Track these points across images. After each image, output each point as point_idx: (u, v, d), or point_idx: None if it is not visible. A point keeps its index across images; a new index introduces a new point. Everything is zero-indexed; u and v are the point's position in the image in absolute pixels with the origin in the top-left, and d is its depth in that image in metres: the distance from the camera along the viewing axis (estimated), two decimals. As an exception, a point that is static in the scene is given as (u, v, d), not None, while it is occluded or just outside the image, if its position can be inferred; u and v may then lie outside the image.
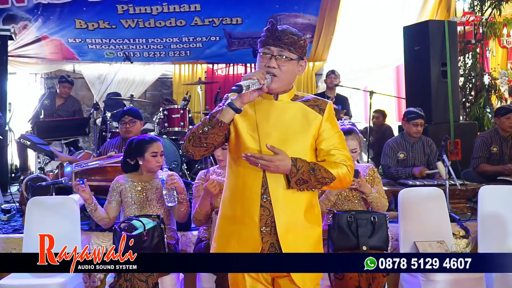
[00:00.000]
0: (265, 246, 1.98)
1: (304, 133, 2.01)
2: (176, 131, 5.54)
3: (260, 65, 2.02)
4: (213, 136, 1.94)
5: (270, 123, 2.00)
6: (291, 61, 1.99)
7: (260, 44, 2.03)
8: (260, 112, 2.01)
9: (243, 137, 2.00)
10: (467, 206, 4.18)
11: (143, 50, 7.71)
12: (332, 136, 2.03)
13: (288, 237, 1.97)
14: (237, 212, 2.01)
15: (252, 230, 1.97)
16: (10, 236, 3.69)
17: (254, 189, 1.97)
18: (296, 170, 1.90)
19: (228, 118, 1.94)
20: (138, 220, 2.90)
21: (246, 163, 1.94)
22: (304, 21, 7.59)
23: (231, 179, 2.06)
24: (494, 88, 6.91)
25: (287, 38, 1.98)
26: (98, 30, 7.36)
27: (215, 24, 7.45)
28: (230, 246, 2.02)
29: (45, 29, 7.26)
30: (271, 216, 1.96)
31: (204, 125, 1.94)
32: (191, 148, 1.98)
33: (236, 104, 1.91)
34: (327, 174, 1.95)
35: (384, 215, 3.00)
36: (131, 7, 7.21)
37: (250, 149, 1.97)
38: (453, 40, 5.69)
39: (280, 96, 2.04)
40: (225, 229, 2.06)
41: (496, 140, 4.90)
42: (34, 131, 5.63)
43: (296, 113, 2.03)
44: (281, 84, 2.00)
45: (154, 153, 3.21)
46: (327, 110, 2.05)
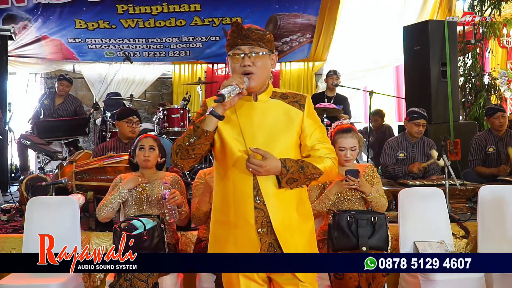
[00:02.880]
0: (264, 246, 1.99)
1: (288, 131, 2.03)
2: (176, 131, 5.54)
3: (234, 67, 2.02)
4: (200, 146, 1.95)
5: (254, 125, 2.02)
6: (263, 56, 2.01)
7: (229, 47, 2.03)
8: (242, 116, 2.02)
9: (228, 143, 2.01)
10: (467, 206, 4.18)
11: (143, 50, 7.72)
12: (314, 131, 2.06)
13: (286, 234, 1.99)
14: (230, 217, 2.02)
15: (249, 233, 1.99)
16: (10, 236, 3.69)
17: (246, 192, 1.98)
18: (286, 171, 1.93)
19: (212, 126, 1.93)
20: (138, 220, 2.90)
21: (234, 168, 1.97)
22: (304, 21, 7.59)
23: (220, 184, 2.07)
24: (494, 88, 6.92)
25: (254, 34, 2.00)
26: (98, 30, 7.36)
27: (215, 24, 7.45)
28: (228, 251, 2.03)
29: (45, 29, 7.26)
30: (266, 216, 1.98)
31: (189, 137, 1.94)
32: (180, 161, 1.99)
33: (219, 111, 1.90)
34: (315, 170, 1.99)
35: (384, 215, 2.99)
36: (131, 7, 7.21)
37: (237, 153, 1.99)
38: (453, 40, 5.69)
39: (259, 96, 2.06)
40: (220, 234, 2.07)
41: (491, 140, 4.91)
42: (34, 131, 5.63)
43: (278, 112, 2.05)
44: (259, 81, 2.02)
45: (141, 146, 3.23)
46: (307, 105, 2.07)
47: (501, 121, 4.85)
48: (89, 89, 8.01)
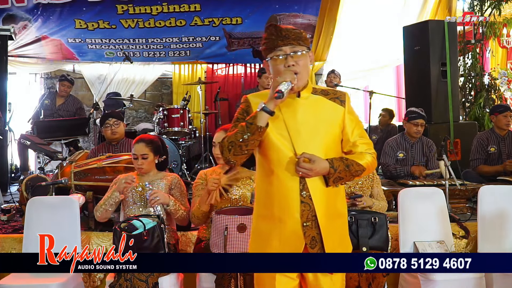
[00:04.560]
0: (307, 240, 2.04)
1: (330, 126, 2.09)
2: (175, 131, 5.54)
3: (278, 68, 2.05)
4: (253, 142, 2.00)
5: (298, 121, 2.06)
6: (303, 54, 2.06)
7: (268, 50, 2.07)
8: (286, 112, 2.07)
9: (273, 138, 2.05)
10: (467, 206, 4.18)
11: (143, 50, 7.71)
12: (355, 127, 2.13)
13: (329, 228, 2.05)
14: (274, 211, 2.06)
15: (294, 227, 2.03)
16: (10, 236, 3.69)
17: (292, 186, 2.03)
18: (334, 170, 2.01)
19: (264, 122, 1.99)
20: (138, 220, 2.90)
21: (279, 163, 2.03)
22: (304, 21, 7.57)
23: (264, 180, 2.11)
24: (494, 88, 6.91)
25: (293, 34, 2.04)
26: (98, 30, 7.35)
27: (215, 24, 7.44)
28: (272, 248, 2.06)
29: (45, 29, 7.25)
30: (312, 210, 2.03)
31: (243, 133, 1.99)
32: (233, 157, 2.03)
33: (270, 107, 1.97)
34: (358, 166, 2.07)
35: (384, 215, 3.00)
36: (131, 7, 7.20)
37: (282, 149, 2.04)
38: (453, 40, 5.69)
39: (302, 93, 2.10)
40: (263, 228, 2.11)
41: (493, 140, 4.90)
42: (34, 131, 5.63)
43: (320, 107, 2.10)
44: (303, 79, 2.07)
45: (134, 155, 3.24)
46: (347, 102, 2.15)
47: (508, 120, 4.85)
48: (89, 89, 8.00)
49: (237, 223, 2.62)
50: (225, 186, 2.91)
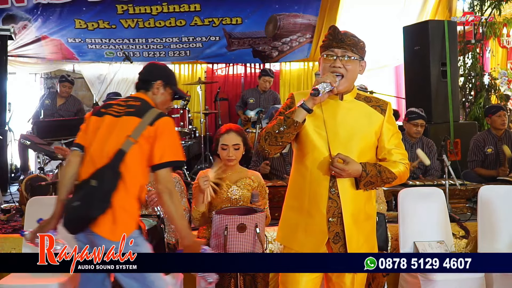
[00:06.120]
0: (330, 235, 2.12)
1: (368, 132, 2.16)
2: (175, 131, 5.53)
3: (325, 66, 2.15)
4: (288, 135, 2.10)
5: (337, 121, 2.14)
6: (354, 60, 2.14)
7: (323, 49, 2.17)
8: (327, 111, 2.14)
9: (311, 135, 2.15)
10: (467, 206, 4.18)
11: (143, 50, 7.70)
12: (392, 136, 2.20)
13: (353, 226, 2.13)
14: (304, 204, 2.16)
15: (320, 221, 2.12)
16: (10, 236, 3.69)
17: (323, 183, 2.13)
18: (365, 174, 2.08)
19: (301, 117, 2.08)
20: (138, 220, 2.89)
21: (313, 158, 2.13)
22: (304, 21, 7.58)
23: (298, 172, 2.22)
24: (494, 88, 6.91)
25: (349, 40, 2.15)
26: (98, 30, 7.35)
27: (215, 24, 7.44)
28: (297, 238, 2.17)
29: (45, 29, 7.25)
30: (339, 207, 2.12)
31: (279, 125, 2.09)
32: (268, 146, 2.14)
33: (309, 105, 2.07)
34: (390, 174, 2.13)
35: (383, 215, 3.00)
36: (131, 7, 7.20)
37: (317, 145, 2.14)
38: (453, 40, 5.69)
39: (345, 96, 2.18)
40: (290, 219, 2.22)
41: (490, 140, 4.90)
42: (34, 131, 5.63)
43: (360, 112, 2.17)
44: (347, 83, 2.15)
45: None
46: (388, 111, 2.22)
47: (503, 119, 4.85)
48: (89, 89, 8.00)
49: (237, 223, 2.62)
50: (215, 181, 2.90)
